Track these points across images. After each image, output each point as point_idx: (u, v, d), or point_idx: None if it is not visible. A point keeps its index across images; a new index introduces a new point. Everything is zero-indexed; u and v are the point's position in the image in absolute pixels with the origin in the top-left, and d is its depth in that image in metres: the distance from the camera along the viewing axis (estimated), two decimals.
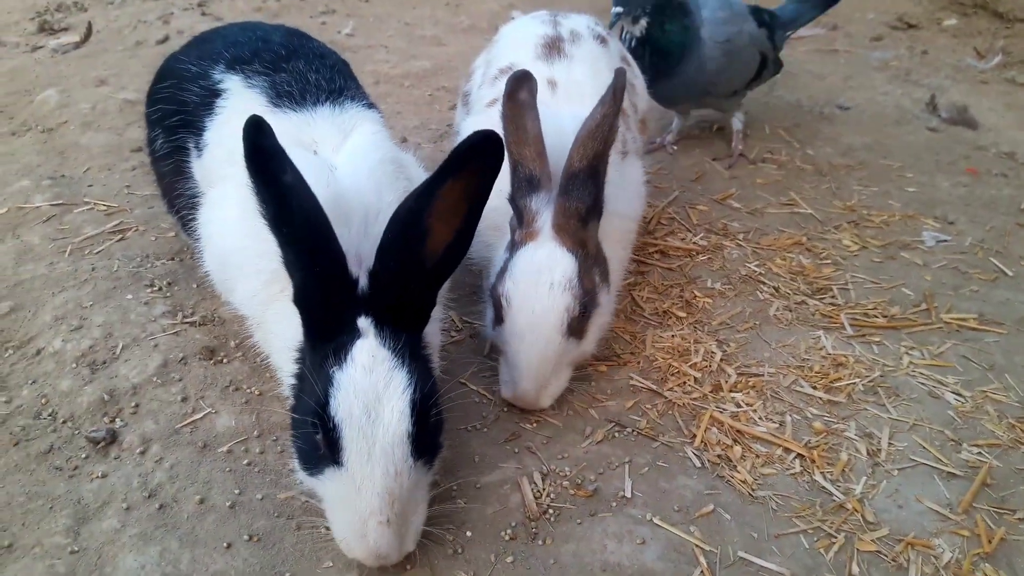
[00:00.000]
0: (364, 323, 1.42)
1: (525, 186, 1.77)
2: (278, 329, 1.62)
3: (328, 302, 1.43)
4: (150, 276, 2.25)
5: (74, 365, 1.92)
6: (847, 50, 4.45)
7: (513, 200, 1.80)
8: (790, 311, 2.26)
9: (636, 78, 2.44)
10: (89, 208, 2.61)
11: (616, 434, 1.82)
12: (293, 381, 1.54)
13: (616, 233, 1.93)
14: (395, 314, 1.44)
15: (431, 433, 1.45)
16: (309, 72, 1.92)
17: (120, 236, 2.46)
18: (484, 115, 2.10)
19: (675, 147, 3.26)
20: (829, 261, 2.50)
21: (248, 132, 1.40)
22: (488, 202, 1.98)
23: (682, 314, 2.22)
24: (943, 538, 1.59)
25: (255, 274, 1.66)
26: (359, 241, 1.53)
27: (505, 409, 1.86)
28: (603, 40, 2.31)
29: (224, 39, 2.09)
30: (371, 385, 1.37)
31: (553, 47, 2.18)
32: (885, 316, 2.25)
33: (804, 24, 3.41)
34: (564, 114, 1.93)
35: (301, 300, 1.45)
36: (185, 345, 2.00)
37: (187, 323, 2.08)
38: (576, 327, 1.73)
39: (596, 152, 1.71)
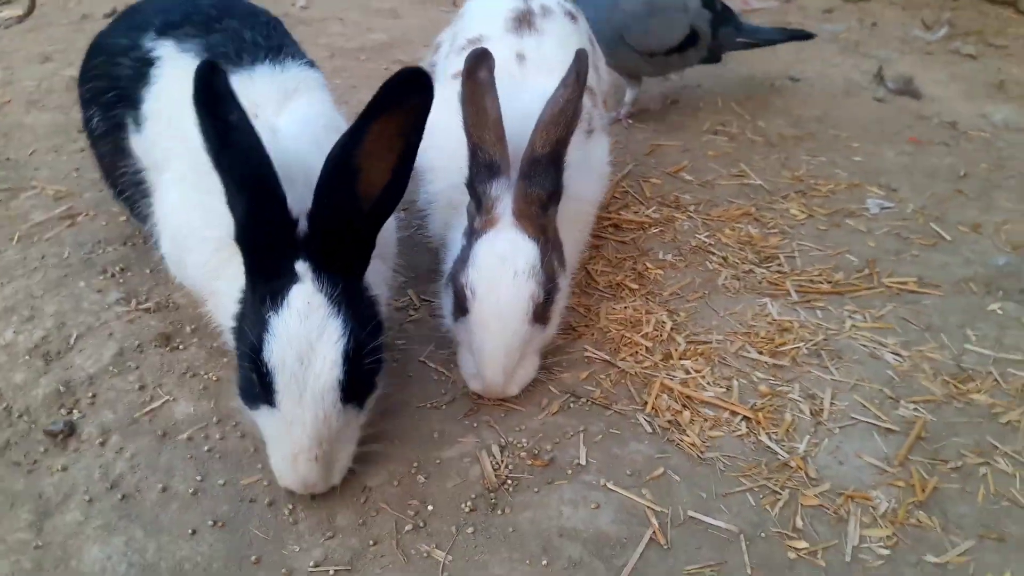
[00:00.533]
0: (302, 267, 1.47)
1: (484, 172, 1.76)
2: (228, 290, 1.63)
3: (268, 239, 1.47)
4: (102, 263, 2.23)
5: (27, 357, 1.91)
6: (800, 22, 4.51)
7: (471, 186, 1.79)
8: (738, 280, 2.33)
9: (600, 60, 2.46)
10: (37, 192, 2.56)
11: (571, 404, 1.87)
12: (234, 322, 1.57)
13: (574, 215, 1.93)
14: (333, 258, 1.48)
15: (363, 379, 1.51)
16: (244, 30, 1.89)
17: (70, 221, 2.42)
18: (450, 87, 2.06)
19: (631, 120, 3.29)
20: (776, 230, 2.58)
21: (200, 72, 1.43)
22: (444, 180, 2.00)
23: (634, 286, 2.28)
24: (880, 490, 1.68)
25: (203, 243, 1.68)
26: (302, 204, 1.54)
27: (464, 388, 1.89)
28: (573, 17, 2.33)
29: (152, 6, 2.06)
30: (305, 333, 1.42)
31: (524, 20, 2.18)
32: (829, 282, 2.34)
33: (760, 41, 3.37)
34: (529, 89, 1.92)
35: (242, 237, 1.48)
36: (140, 332, 2.00)
37: (141, 310, 2.07)
38: (541, 313, 1.74)
39: (559, 138, 1.72)
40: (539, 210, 1.75)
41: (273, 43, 1.87)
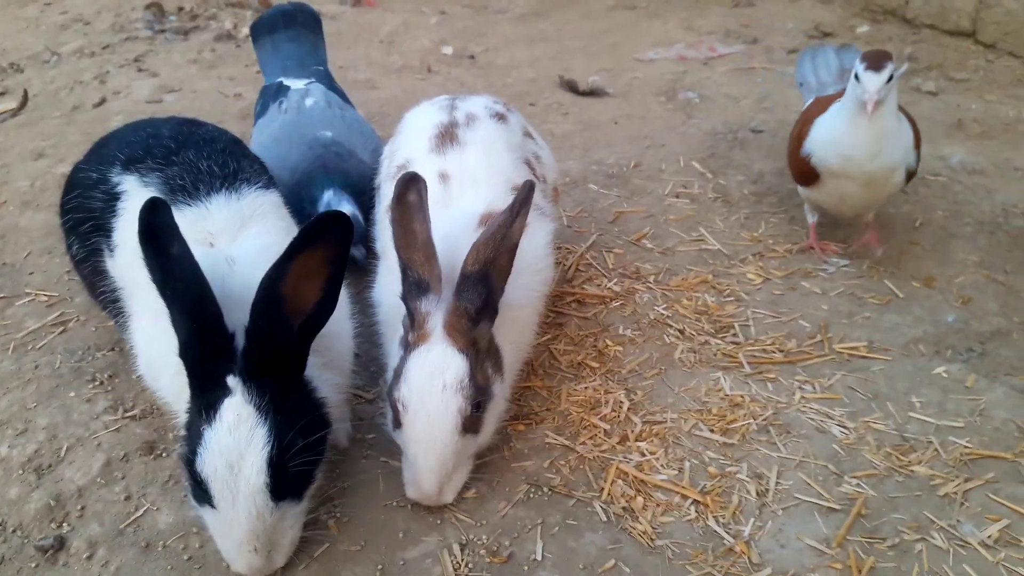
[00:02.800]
0: (233, 381, 1.63)
1: (415, 289, 1.87)
2: None
3: (204, 357, 1.65)
4: (91, 370, 2.37)
5: (20, 471, 2.04)
6: (765, 67, 4.62)
7: (404, 301, 1.90)
8: (694, 353, 2.44)
9: (542, 150, 2.57)
10: (30, 299, 2.70)
11: (532, 495, 1.98)
12: (184, 431, 1.75)
13: (509, 321, 1.99)
14: (265, 369, 1.65)
15: (295, 478, 1.67)
16: (200, 160, 2.05)
17: (62, 328, 2.56)
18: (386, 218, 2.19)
19: None
20: (732, 298, 2.68)
21: (143, 212, 1.65)
22: (385, 310, 2.13)
23: (595, 364, 2.39)
24: (819, 572, 1.77)
25: (167, 367, 1.83)
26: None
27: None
28: (502, 117, 2.43)
29: (118, 141, 2.24)
30: (235, 444, 1.60)
31: (446, 135, 2.28)
32: (781, 351, 2.44)
33: None
34: (453, 208, 2.07)
35: (184, 354, 1.66)
36: (127, 441, 2.13)
37: (128, 417, 2.21)
38: (470, 424, 1.83)
39: (487, 258, 1.82)
40: (469, 324, 1.83)
41: (228, 170, 2.03)
